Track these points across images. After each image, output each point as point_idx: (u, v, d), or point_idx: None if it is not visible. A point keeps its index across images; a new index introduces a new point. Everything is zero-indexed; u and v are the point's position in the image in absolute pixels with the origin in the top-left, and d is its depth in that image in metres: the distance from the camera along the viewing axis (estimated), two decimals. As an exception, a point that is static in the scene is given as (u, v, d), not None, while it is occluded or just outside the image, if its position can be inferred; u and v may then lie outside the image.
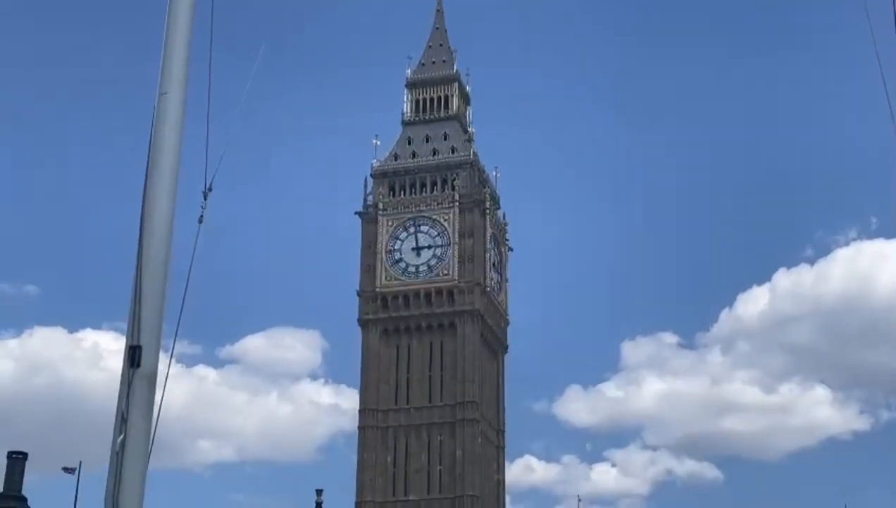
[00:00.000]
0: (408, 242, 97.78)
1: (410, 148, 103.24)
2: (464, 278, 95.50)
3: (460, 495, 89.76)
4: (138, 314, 7.15)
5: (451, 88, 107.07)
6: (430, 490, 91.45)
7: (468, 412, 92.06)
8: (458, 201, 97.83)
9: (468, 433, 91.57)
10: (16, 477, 61.93)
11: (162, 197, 7.57)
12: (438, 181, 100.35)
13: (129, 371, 7.04)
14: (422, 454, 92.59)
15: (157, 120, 7.78)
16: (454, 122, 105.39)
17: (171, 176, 7.68)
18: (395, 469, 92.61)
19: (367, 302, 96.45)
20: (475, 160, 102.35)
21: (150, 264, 7.28)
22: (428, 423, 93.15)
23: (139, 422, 6.97)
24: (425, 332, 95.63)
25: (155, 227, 7.43)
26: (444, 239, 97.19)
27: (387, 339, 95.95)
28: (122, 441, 6.88)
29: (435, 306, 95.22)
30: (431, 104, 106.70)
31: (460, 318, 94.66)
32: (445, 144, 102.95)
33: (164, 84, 7.84)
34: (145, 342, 7.10)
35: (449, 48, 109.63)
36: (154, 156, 7.69)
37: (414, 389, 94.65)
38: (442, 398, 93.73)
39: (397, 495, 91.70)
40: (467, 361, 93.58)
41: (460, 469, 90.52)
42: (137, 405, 6.99)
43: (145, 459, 7.00)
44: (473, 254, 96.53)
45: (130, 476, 6.84)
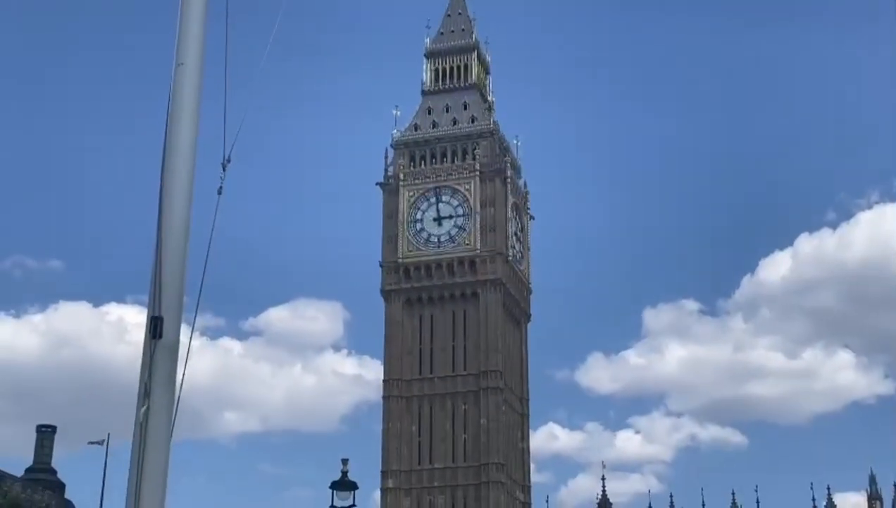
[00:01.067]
0: (429, 212, 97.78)
1: (430, 118, 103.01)
2: (486, 247, 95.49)
3: (485, 463, 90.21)
4: (159, 286, 7.16)
5: (471, 57, 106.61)
6: (455, 459, 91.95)
7: (492, 381, 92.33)
8: (478, 171, 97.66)
9: (492, 402, 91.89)
10: (45, 450, 62.74)
11: (180, 169, 7.55)
12: (459, 151, 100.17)
13: (151, 343, 7.06)
14: (446, 423, 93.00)
15: (174, 91, 7.75)
16: (474, 91, 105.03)
17: (189, 147, 7.66)
18: (419, 438, 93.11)
19: (390, 273, 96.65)
20: (495, 129, 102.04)
21: (169, 236, 7.29)
22: (452, 392, 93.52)
23: (162, 393, 7.00)
24: (448, 302, 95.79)
25: (174, 198, 7.43)
26: (465, 209, 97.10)
27: (409, 309, 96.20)
28: (145, 412, 6.91)
29: (457, 275, 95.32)
30: (451, 74, 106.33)
31: (482, 287, 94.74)
32: (465, 113, 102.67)
33: (180, 55, 7.81)
34: (167, 313, 7.11)
35: (468, 17, 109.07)
36: (172, 127, 7.67)
37: (437, 359, 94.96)
38: (465, 368, 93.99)
39: (423, 463, 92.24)
40: (490, 330, 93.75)
41: (485, 437, 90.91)
42: (160, 375, 7.01)
43: (169, 429, 7.03)
44: (495, 223, 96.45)
45: (154, 447, 6.87)
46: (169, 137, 7.66)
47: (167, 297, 7.16)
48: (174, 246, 7.27)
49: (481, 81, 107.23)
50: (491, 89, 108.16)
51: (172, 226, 7.32)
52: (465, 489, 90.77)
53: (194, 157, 7.66)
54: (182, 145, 7.61)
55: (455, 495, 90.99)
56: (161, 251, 7.23)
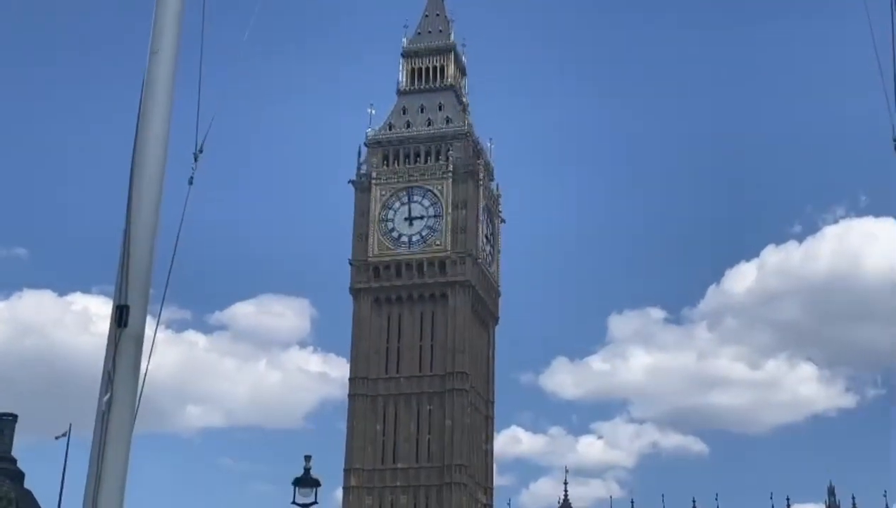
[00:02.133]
0: (401, 211, 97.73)
1: (405, 118, 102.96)
2: (456, 248, 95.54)
3: (448, 464, 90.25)
4: (126, 274, 7.11)
5: (447, 58, 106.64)
6: (419, 459, 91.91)
7: (457, 383, 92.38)
8: (451, 172, 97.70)
9: (457, 404, 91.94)
10: (5, 439, 62.15)
11: (151, 157, 7.50)
12: (433, 151, 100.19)
13: (116, 331, 7.01)
14: (411, 423, 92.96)
15: (147, 80, 7.70)
16: (449, 92, 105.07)
17: (160, 137, 7.61)
18: (384, 438, 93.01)
19: (359, 271, 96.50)
20: (470, 131, 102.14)
21: (138, 224, 7.24)
22: (418, 392, 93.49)
23: (126, 382, 6.94)
24: (416, 302, 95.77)
25: (144, 187, 7.38)
26: (437, 209, 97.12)
27: (378, 308, 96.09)
28: (108, 401, 6.86)
29: (427, 276, 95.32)
30: (427, 74, 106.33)
31: (452, 288, 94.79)
32: (440, 114, 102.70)
33: (155, 43, 7.76)
34: (133, 302, 7.06)
35: (446, 18, 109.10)
36: (144, 116, 7.62)
37: (404, 358, 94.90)
38: (432, 368, 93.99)
39: (386, 463, 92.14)
40: (458, 331, 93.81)
41: (449, 438, 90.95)
42: (124, 364, 6.96)
43: (131, 419, 6.97)
44: (466, 225, 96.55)
45: (116, 436, 6.82)
46: (141, 125, 7.60)
47: (134, 286, 7.11)
48: (142, 235, 7.22)
49: (457, 82, 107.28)
50: (466, 91, 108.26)
51: (141, 214, 7.27)
52: (427, 489, 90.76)
53: (166, 146, 7.61)
54: (154, 134, 7.56)
55: (417, 495, 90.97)
56: (129, 239, 7.18)
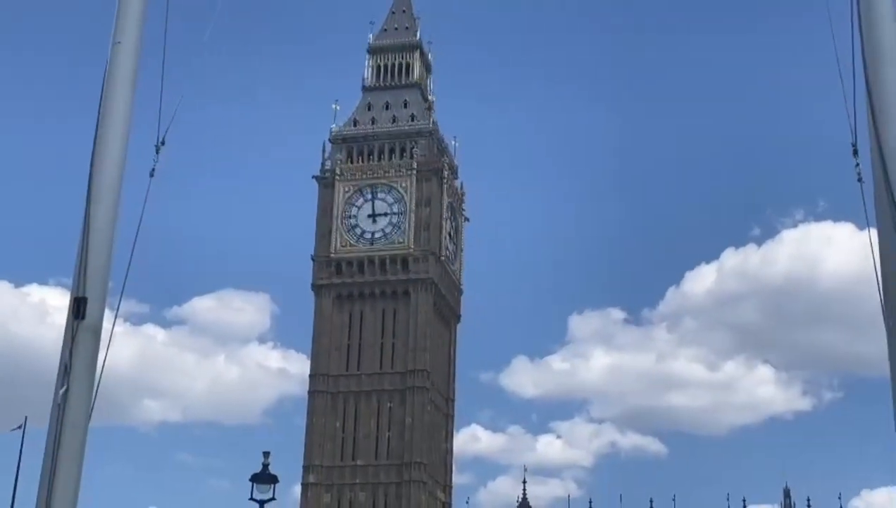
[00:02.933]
0: (364, 208, 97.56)
1: (370, 114, 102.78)
2: (419, 246, 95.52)
3: (408, 462, 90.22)
4: (84, 266, 7.06)
5: (413, 55, 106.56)
6: (378, 456, 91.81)
7: (418, 381, 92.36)
8: (416, 170, 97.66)
9: (418, 401, 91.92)
10: (-41, 431, 61.30)
11: (112, 149, 7.46)
12: (397, 149, 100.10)
13: (73, 323, 6.96)
14: (371, 420, 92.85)
15: (109, 70, 7.65)
16: (415, 90, 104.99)
17: (122, 128, 7.57)
18: (343, 435, 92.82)
19: (322, 267, 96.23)
20: (434, 129, 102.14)
21: (97, 216, 7.19)
22: (378, 390, 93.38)
23: (82, 374, 6.89)
24: (378, 299, 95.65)
25: (104, 178, 7.33)
26: (400, 207, 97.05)
27: (340, 305, 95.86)
28: (64, 393, 6.81)
29: (389, 273, 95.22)
30: (392, 71, 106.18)
31: (414, 286, 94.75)
32: (405, 111, 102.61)
33: (117, 33, 7.71)
34: (91, 295, 7.02)
35: (412, 15, 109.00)
36: (105, 107, 7.57)
37: (365, 355, 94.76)
38: (393, 366, 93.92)
39: (345, 460, 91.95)
40: (419, 329, 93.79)
41: (409, 435, 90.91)
42: (81, 357, 6.91)
43: (87, 412, 6.93)
44: (430, 223, 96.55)
45: (72, 429, 6.77)
46: (102, 116, 7.55)
47: (92, 278, 7.06)
48: (101, 227, 7.17)
49: (422, 79, 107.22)
50: (431, 89, 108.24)
51: (101, 207, 7.22)
52: (386, 487, 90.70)
53: (127, 137, 7.57)
54: (115, 126, 7.52)
55: (376, 493, 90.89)
56: (88, 232, 7.13)
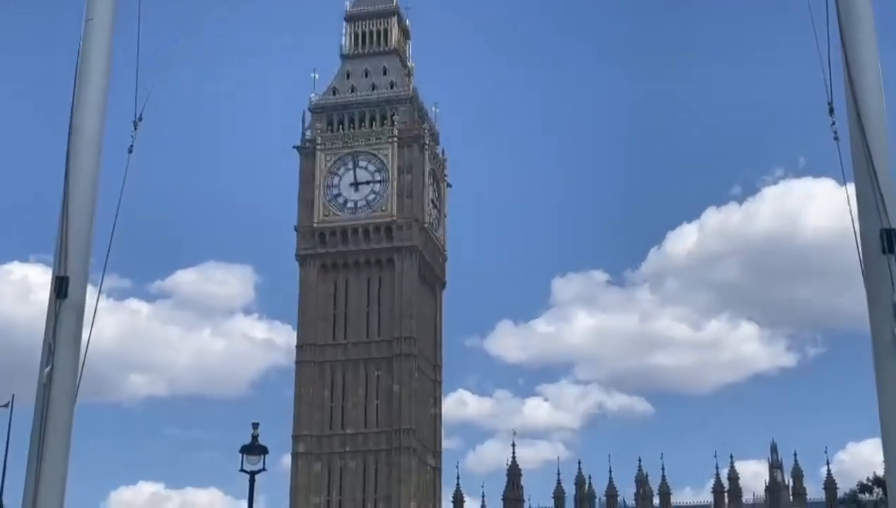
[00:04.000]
0: (346, 177, 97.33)
1: (349, 82, 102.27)
2: (402, 213, 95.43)
3: (397, 429, 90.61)
4: (65, 245, 7.05)
5: (391, 21, 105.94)
6: (368, 424, 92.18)
7: (405, 348, 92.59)
8: (396, 137, 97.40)
9: (405, 368, 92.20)
10: (-54, 412, 61.23)
11: (89, 126, 7.42)
12: (377, 116, 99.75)
13: (56, 302, 6.96)
14: (359, 388, 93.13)
15: (83, 47, 7.60)
16: (394, 56, 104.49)
17: (98, 105, 7.53)
18: (332, 404, 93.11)
19: (305, 237, 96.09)
20: (414, 96, 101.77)
21: (77, 195, 7.16)
22: (365, 358, 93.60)
23: (67, 354, 6.90)
24: (363, 268, 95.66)
25: (82, 156, 7.30)
26: (382, 175, 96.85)
27: (324, 274, 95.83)
28: (49, 373, 6.82)
29: (373, 241, 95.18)
30: (371, 38, 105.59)
31: (398, 254, 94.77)
32: (384, 78, 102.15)
33: (90, 10, 7.66)
34: (72, 273, 7.01)
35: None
36: (81, 85, 7.53)
37: (351, 324, 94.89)
38: (379, 334, 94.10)
39: (334, 429, 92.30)
40: (405, 297, 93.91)
41: (397, 403, 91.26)
42: (65, 336, 6.91)
43: (73, 391, 6.94)
44: (412, 190, 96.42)
45: (58, 408, 6.79)
46: (78, 93, 7.51)
47: (73, 257, 7.05)
48: (81, 205, 7.15)
49: (401, 46, 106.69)
50: (410, 55, 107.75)
51: (80, 184, 7.20)
52: (376, 454, 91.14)
53: (104, 114, 7.53)
54: (91, 102, 7.48)
55: (367, 460, 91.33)
56: (67, 210, 7.11)
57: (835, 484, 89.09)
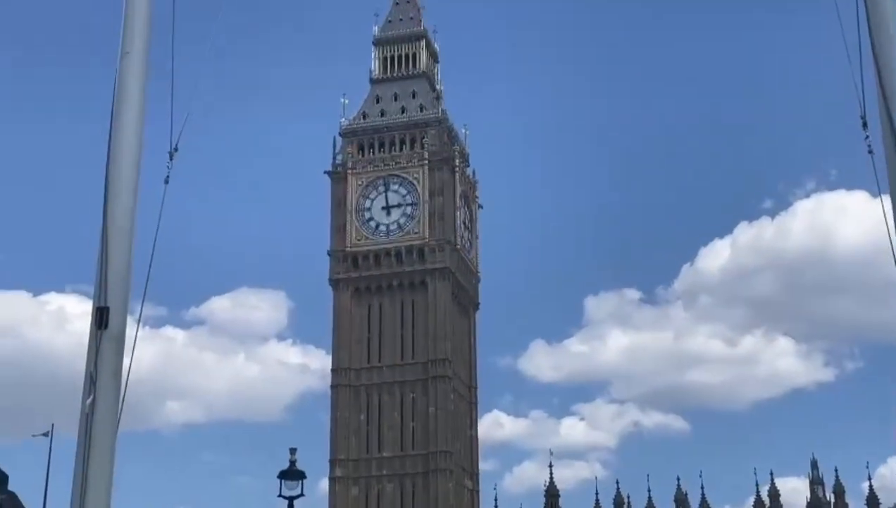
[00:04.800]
0: (378, 201, 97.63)
1: (379, 106, 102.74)
2: (434, 236, 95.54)
3: (433, 451, 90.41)
4: (105, 276, 7.13)
5: (419, 45, 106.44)
6: (404, 447, 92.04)
7: (440, 370, 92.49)
8: (427, 160, 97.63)
9: (441, 390, 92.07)
10: (-13, 442, 61.77)
11: (126, 158, 7.52)
12: (407, 140, 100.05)
13: (96, 333, 7.03)
14: (395, 411, 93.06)
15: (119, 80, 7.71)
16: (422, 79, 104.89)
17: (135, 137, 7.63)
18: (368, 427, 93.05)
19: (338, 261, 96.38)
20: (444, 118, 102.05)
21: (115, 225, 7.25)
22: (400, 381, 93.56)
23: (108, 383, 6.97)
24: (396, 290, 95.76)
25: (120, 188, 7.39)
26: (413, 197, 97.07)
27: (358, 298, 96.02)
28: (91, 403, 6.88)
29: (406, 264, 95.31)
30: (399, 62, 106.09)
31: (431, 276, 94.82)
32: (414, 102, 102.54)
33: (126, 43, 7.77)
34: (112, 304, 7.08)
35: (416, 5, 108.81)
36: (117, 116, 7.63)
37: (386, 347, 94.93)
38: (414, 356, 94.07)
39: (371, 452, 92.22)
40: (438, 318, 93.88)
41: (433, 425, 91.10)
42: (106, 366, 6.98)
43: (115, 420, 7.00)
44: (444, 212, 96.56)
45: (101, 438, 6.85)
46: (115, 126, 7.61)
47: (113, 287, 7.13)
48: (120, 236, 7.23)
49: (430, 69, 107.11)
50: (439, 78, 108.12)
51: (118, 216, 7.28)
52: (413, 477, 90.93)
53: (140, 146, 7.63)
54: (128, 135, 7.57)
55: (404, 483, 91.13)
56: (107, 241, 7.19)
57: (877, 500, 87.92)
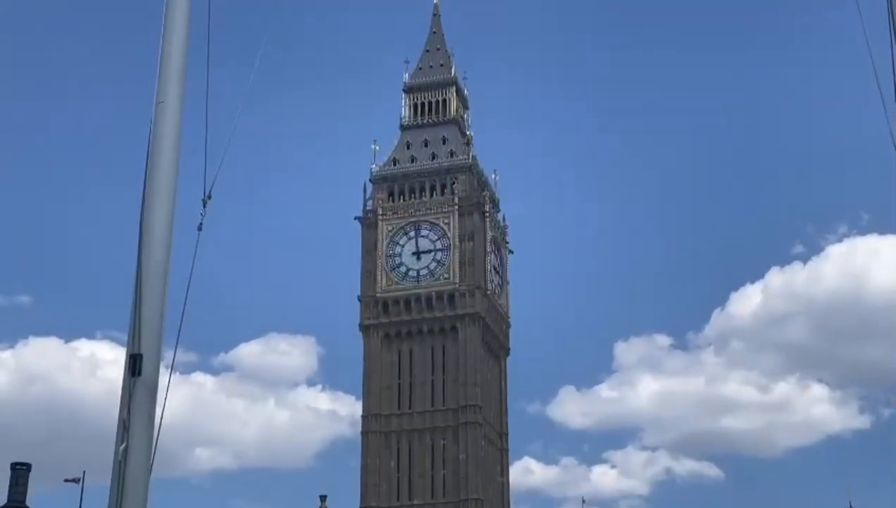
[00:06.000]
0: (408, 246, 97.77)
1: (409, 152, 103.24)
2: (465, 281, 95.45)
3: (464, 498, 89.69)
4: (138, 323, 7.16)
5: (449, 91, 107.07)
6: (435, 494, 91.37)
7: (471, 416, 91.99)
8: (457, 205, 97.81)
9: (471, 437, 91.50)
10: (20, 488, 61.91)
11: (161, 206, 7.58)
12: (438, 185, 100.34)
13: (130, 380, 7.05)
14: (425, 458, 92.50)
15: (154, 129, 7.80)
16: (453, 126, 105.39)
17: (169, 185, 7.69)
18: (398, 474, 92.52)
19: (368, 307, 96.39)
20: (474, 164, 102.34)
21: (149, 273, 7.29)
22: (431, 427, 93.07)
23: (141, 430, 6.98)
24: (427, 336, 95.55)
25: (154, 235, 7.44)
26: (444, 243, 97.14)
27: (388, 344, 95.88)
28: (124, 450, 6.89)
29: (436, 309, 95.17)
30: (430, 108, 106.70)
31: (461, 321, 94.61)
32: (444, 148, 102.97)
33: (160, 93, 7.86)
34: (146, 351, 7.11)
35: (446, 52, 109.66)
36: (152, 164, 7.71)
37: (416, 393, 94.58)
38: (444, 402, 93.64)
39: (402, 499, 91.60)
40: (469, 364, 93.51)
41: (464, 472, 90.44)
42: (139, 413, 7.00)
43: (148, 467, 7.01)
44: (474, 257, 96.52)
45: (133, 484, 6.85)
46: (149, 174, 7.68)
47: (146, 334, 7.16)
48: (154, 283, 7.28)
49: (460, 115, 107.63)
50: (469, 123, 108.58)
51: (152, 264, 7.33)
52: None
53: (174, 194, 7.69)
54: (162, 183, 7.64)
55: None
56: (141, 289, 7.23)
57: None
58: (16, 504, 61.25)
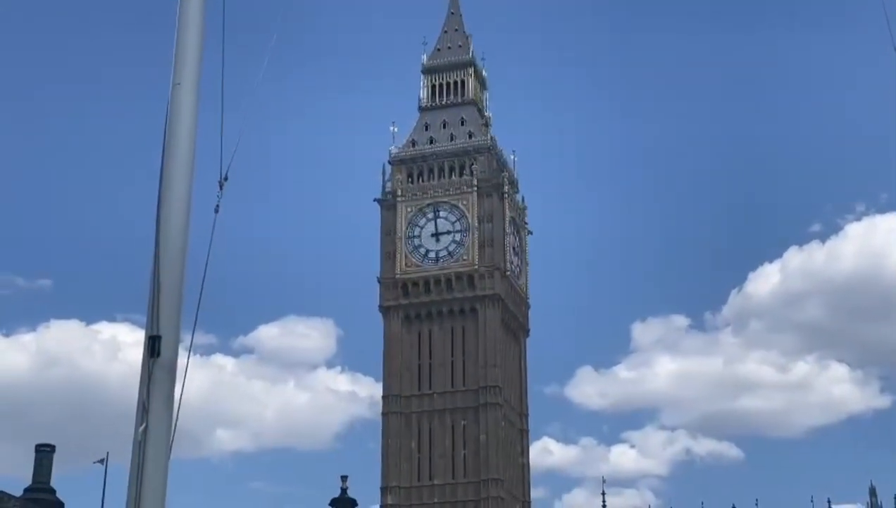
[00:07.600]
0: (427, 228, 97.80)
1: (428, 134, 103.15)
2: (484, 262, 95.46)
3: (485, 479, 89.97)
4: (157, 305, 7.20)
5: (467, 72, 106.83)
6: (455, 475, 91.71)
7: (491, 397, 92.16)
8: (476, 186, 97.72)
9: (491, 418, 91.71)
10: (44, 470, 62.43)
11: (177, 188, 7.60)
12: (456, 167, 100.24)
13: (149, 361, 7.09)
14: (445, 439, 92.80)
15: (170, 111, 7.81)
16: (471, 106, 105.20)
17: (186, 167, 7.71)
18: (419, 455, 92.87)
19: (388, 289, 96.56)
20: (493, 145, 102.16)
21: (167, 255, 7.32)
22: (451, 408, 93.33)
23: (160, 411, 7.03)
24: (446, 317, 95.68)
25: (171, 218, 7.46)
26: (463, 224, 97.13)
27: (408, 325, 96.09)
28: (143, 431, 6.94)
29: (456, 291, 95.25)
30: (448, 89, 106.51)
31: (481, 303, 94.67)
32: (462, 129, 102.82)
33: (176, 75, 7.87)
34: (164, 332, 7.15)
35: (464, 33, 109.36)
36: (169, 147, 7.72)
37: (436, 374, 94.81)
38: (464, 383, 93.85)
39: (422, 480, 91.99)
40: (489, 345, 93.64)
41: (484, 453, 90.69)
42: (158, 394, 7.04)
43: (167, 448, 7.05)
44: (493, 238, 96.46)
45: (153, 465, 6.90)
46: (166, 156, 7.70)
47: (165, 316, 7.19)
48: (172, 266, 7.30)
49: (478, 96, 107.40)
50: (487, 104, 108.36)
51: (170, 246, 7.35)
52: (464, 505, 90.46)
53: (192, 177, 7.71)
54: (179, 165, 7.66)
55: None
56: (158, 271, 7.26)
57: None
58: (40, 485, 61.80)
